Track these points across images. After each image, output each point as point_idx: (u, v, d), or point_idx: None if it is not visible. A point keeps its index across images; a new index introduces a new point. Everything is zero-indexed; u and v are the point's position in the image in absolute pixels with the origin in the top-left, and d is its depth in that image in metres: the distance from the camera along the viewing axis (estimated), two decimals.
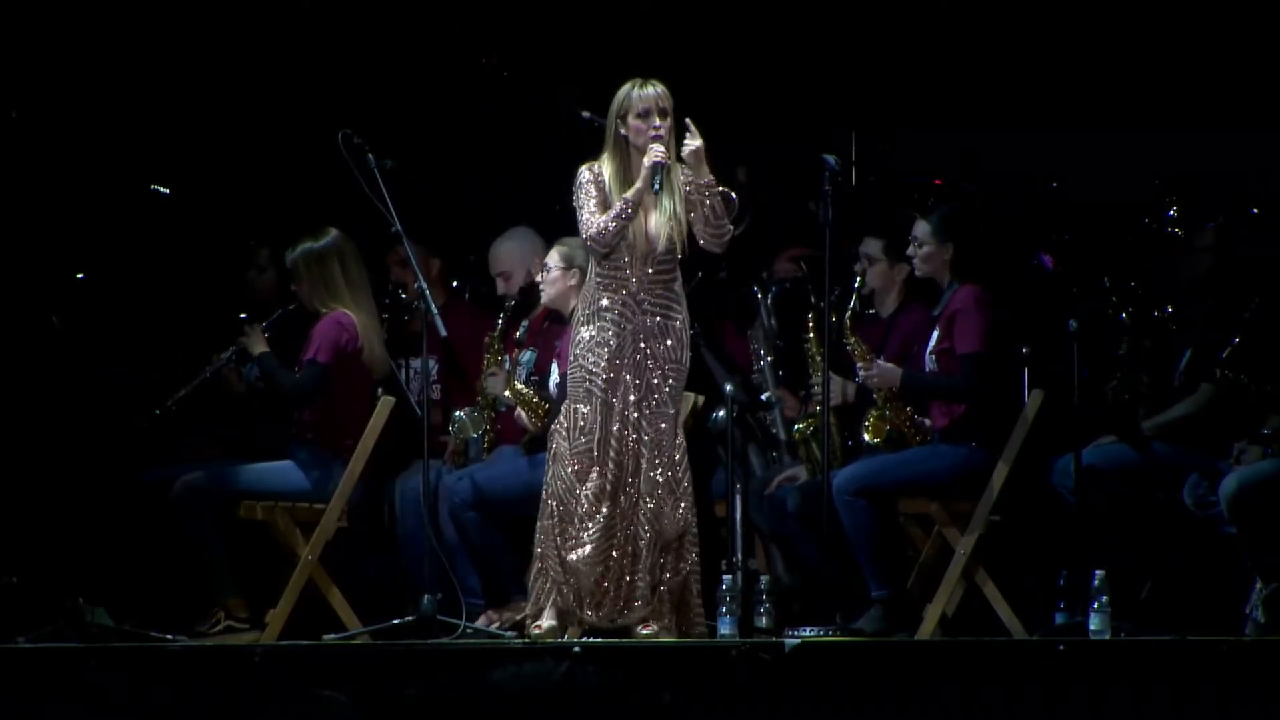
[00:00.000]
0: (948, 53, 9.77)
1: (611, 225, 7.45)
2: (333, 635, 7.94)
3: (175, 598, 8.42)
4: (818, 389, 8.36)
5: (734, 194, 9.62)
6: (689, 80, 9.87)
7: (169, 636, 7.95)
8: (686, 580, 7.51)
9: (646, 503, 7.44)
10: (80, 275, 9.19)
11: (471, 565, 8.48)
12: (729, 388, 8.34)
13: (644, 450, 7.46)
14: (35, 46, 9.39)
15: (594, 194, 7.52)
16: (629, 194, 7.46)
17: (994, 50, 9.71)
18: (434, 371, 8.98)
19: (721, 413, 8.62)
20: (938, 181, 9.30)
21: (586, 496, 7.46)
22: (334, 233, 8.38)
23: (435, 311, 7.82)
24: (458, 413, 8.66)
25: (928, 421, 8.26)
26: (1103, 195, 9.22)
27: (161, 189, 9.44)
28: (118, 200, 9.52)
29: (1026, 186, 9.38)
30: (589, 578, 7.43)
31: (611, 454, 7.46)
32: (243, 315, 9.17)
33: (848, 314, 8.37)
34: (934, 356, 8.22)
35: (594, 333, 7.52)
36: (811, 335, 8.48)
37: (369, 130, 8.01)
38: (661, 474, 7.46)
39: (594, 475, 7.46)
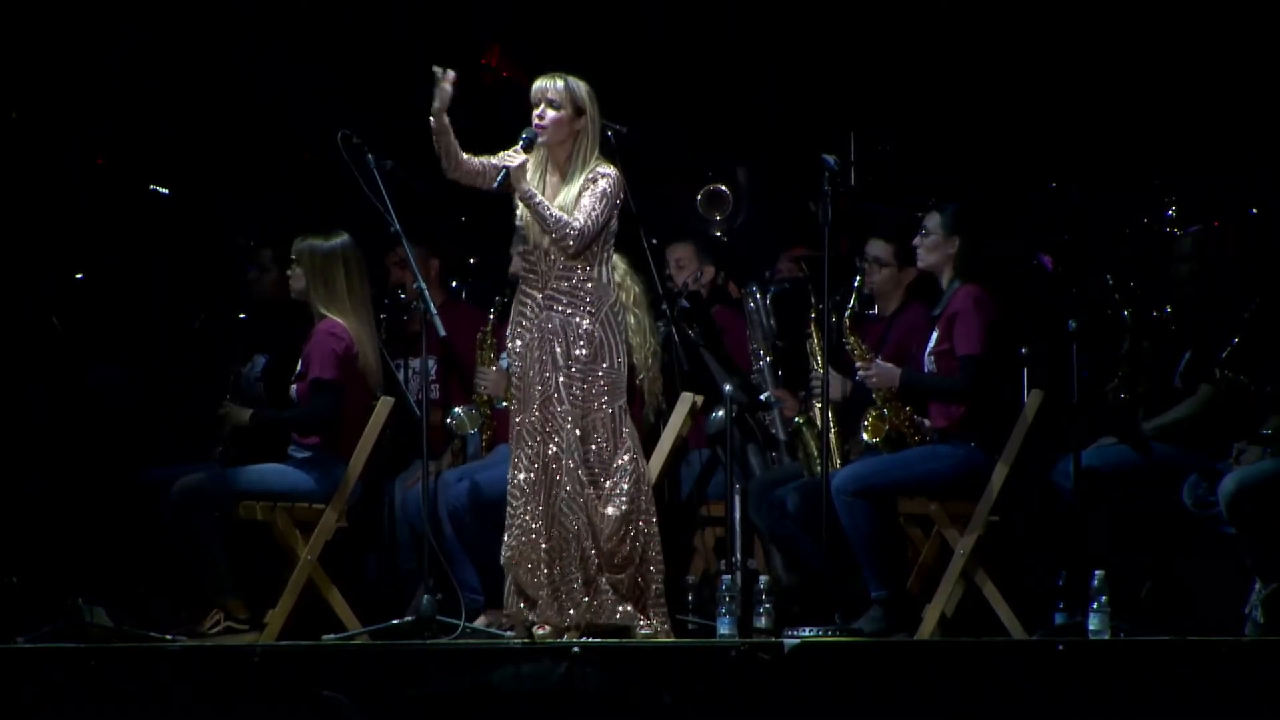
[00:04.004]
0: (948, 53, 9.78)
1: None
2: (332, 635, 7.93)
3: (175, 598, 8.42)
4: (817, 387, 8.36)
5: (725, 189, 9.65)
6: (689, 80, 9.91)
7: (169, 636, 7.94)
8: (636, 579, 7.46)
9: (567, 497, 7.42)
10: (80, 275, 9.20)
11: (471, 565, 8.48)
12: (728, 388, 8.34)
13: (562, 446, 7.44)
14: (35, 46, 9.40)
15: (497, 155, 7.53)
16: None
17: (994, 50, 9.71)
18: (433, 371, 8.99)
19: (720, 413, 8.62)
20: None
21: (511, 494, 7.49)
22: (344, 236, 8.32)
23: (434, 311, 7.80)
24: (455, 409, 8.67)
25: (927, 422, 8.26)
26: (1103, 195, 9.22)
27: (161, 189, 9.45)
28: (118, 200, 9.52)
29: (1027, 188, 9.39)
30: (523, 578, 7.43)
31: (526, 449, 7.47)
32: (242, 315, 9.19)
33: (847, 313, 8.37)
34: (933, 358, 8.21)
35: (513, 326, 7.57)
36: (813, 335, 8.48)
37: (368, 131, 8.01)
38: (583, 471, 7.42)
39: (514, 473, 7.48)
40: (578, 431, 7.44)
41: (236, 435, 8.48)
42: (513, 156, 7.44)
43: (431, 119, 7.39)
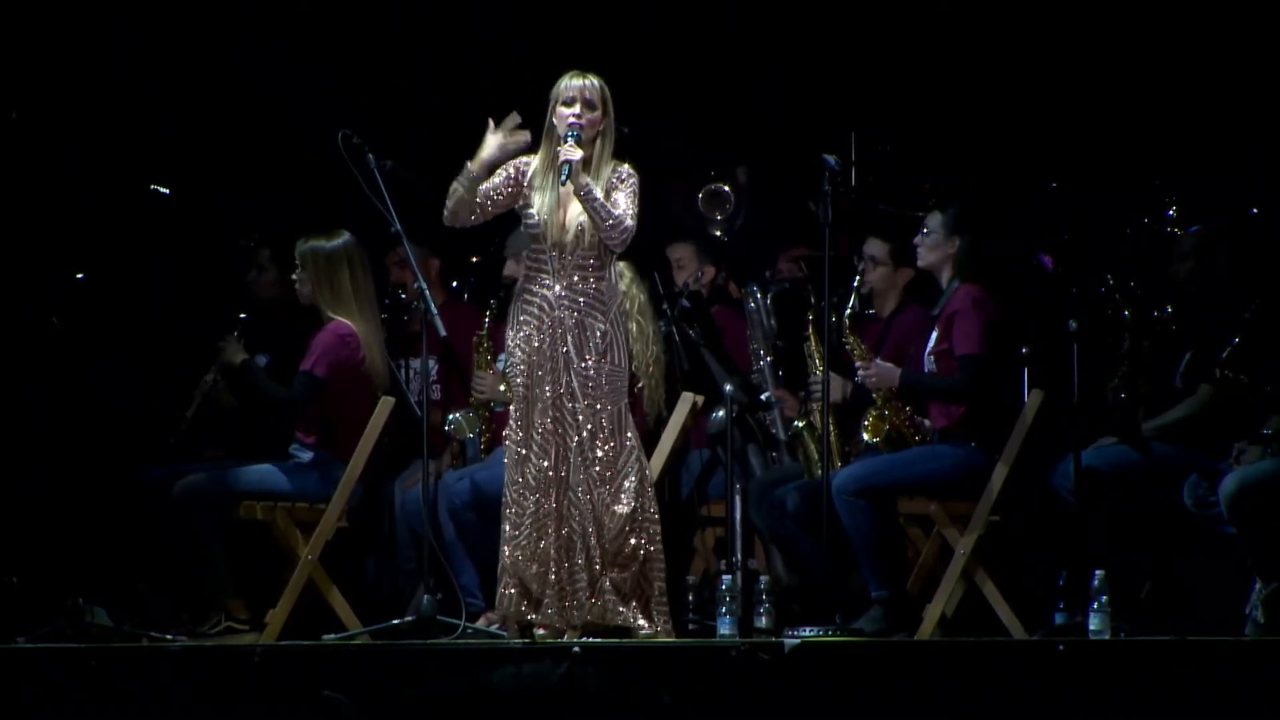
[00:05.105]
0: (947, 53, 9.77)
1: (452, 191, 7.46)
2: (333, 635, 7.93)
3: (175, 598, 8.42)
4: (817, 388, 8.36)
5: (726, 188, 9.63)
6: (689, 80, 9.90)
7: (169, 636, 7.95)
8: (639, 578, 7.47)
9: (575, 497, 7.42)
10: (80, 275, 9.20)
11: (471, 565, 8.48)
12: (728, 388, 8.34)
13: (570, 446, 7.43)
14: (35, 46, 9.40)
15: (495, 179, 7.52)
16: (474, 161, 7.44)
17: (993, 51, 9.71)
18: (433, 371, 8.99)
19: (721, 413, 8.62)
20: (925, 186, 9.32)
21: (519, 494, 7.47)
22: (347, 236, 8.34)
23: (435, 311, 7.80)
24: (453, 414, 8.66)
25: (927, 422, 8.26)
26: (1103, 195, 9.22)
27: (161, 189, 9.45)
28: (118, 200, 9.52)
29: (1027, 188, 9.38)
30: (531, 578, 7.42)
31: (535, 448, 7.46)
32: (242, 315, 9.19)
33: (847, 313, 8.37)
34: (932, 358, 8.21)
35: (519, 326, 7.53)
36: (812, 335, 8.48)
37: (368, 131, 8.01)
38: (591, 470, 7.41)
39: (521, 473, 7.47)
40: (587, 429, 7.43)
41: (226, 374, 8.50)
42: (572, 151, 7.39)
43: (474, 166, 7.41)
